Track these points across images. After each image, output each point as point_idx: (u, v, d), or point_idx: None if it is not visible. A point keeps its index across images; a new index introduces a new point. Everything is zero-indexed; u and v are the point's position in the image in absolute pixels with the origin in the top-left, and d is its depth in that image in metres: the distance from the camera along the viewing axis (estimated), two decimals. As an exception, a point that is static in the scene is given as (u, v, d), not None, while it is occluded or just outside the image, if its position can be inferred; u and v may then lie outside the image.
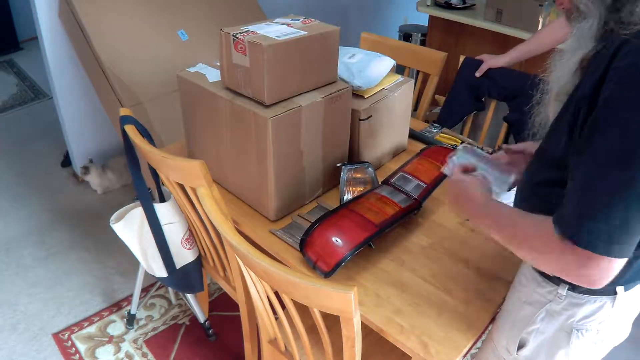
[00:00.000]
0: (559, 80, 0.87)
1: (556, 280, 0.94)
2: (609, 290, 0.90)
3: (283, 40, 1.27)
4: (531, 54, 1.95)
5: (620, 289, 0.90)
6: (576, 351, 0.98)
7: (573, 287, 0.93)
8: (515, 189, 1.06)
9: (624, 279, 0.85)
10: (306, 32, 1.33)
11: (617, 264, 0.75)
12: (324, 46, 1.37)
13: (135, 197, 1.55)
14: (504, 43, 2.79)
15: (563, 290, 0.94)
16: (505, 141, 2.09)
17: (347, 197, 1.44)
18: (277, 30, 1.35)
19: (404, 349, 1.07)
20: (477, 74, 1.99)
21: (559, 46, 0.84)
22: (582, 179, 0.76)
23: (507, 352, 1.06)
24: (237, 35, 1.28)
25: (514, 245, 0.89)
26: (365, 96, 1.53)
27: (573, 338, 0.96)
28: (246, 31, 1.31)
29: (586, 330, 0.95)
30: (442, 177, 1.45)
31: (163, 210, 1.57)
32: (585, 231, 0.74)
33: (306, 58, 1.33)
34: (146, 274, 1.74)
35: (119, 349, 1.94)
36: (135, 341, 1.97)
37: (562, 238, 0.77)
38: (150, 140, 1.46)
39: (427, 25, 3.20)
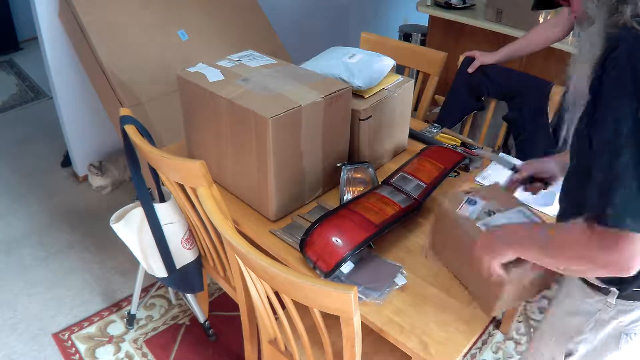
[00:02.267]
0: (577, 87, 0.88)
1: (605, 290, 0.95)
2: None
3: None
4: (522, 52, 1.98)
5: None
6: (625, 354, 0.98)
7: (622, 295, 0.93)
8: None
9: None
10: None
11: None
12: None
13: (135, 197, 1.55)
14: (504, 43, 2.76)
15: (612, 299, 0.94)
16: (505, 140, 2.09)
17: (347, 197, 1.44)
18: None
19: (404, 349, 1.07)
20: (470, 70, 2.00)
21: (572, 54, 0.86)
22: (597, 164, 0.77)
23: None
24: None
25: (548, 259, 0.90)
26: (365, 96, 1.53)
27: (622, 342, 0.97)
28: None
29: (635, 334, 0.96)
30: (442, 177, 1.45)
31: (163, 210, 1.57)
32: (609, 209, 0.75)
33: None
34: (146, 274, 1.74)
35: (119, 349, 1.94)
36: (135, 341, 1.97)
37: (588, 226, 0.78)
38: (150, 140, 1.46)
39: (427, 25, 3.20)
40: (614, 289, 0.94)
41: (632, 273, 0.77)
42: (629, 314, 0.94)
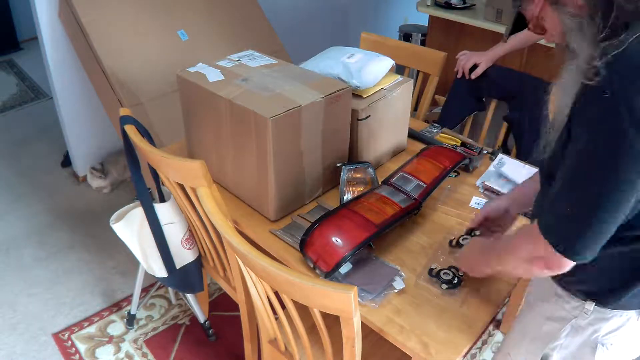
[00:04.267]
0: (559, 113, 0.88)
1: (582, 296, 0.95)
2: (635, 304, 0.91)
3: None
4: (513, 49, 1.96)
5: None
6: None
7: (600, 302, 0.93)
8: None
9: None
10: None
11: (567, 263, 0.84)
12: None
13: (135, 197, 1.55)
14: (504, 43, 2.79)
15: (590, 306, 0.94)
16: (505, 140, 2.09)
17: (347, 197, 1.44)
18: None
19: (404, 349, 1.07)
20: (473, 76, 1.99)
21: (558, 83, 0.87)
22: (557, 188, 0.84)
23: None
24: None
25: (509, 265, 0.96)
26: (364, 96, 1.53)
27: (598, 352, 0.96)
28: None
29: (611, 344, 0.95)
30: (442, 177, 1.45)
31: (163, 210, 1.57)
32: (551, 229, 0.84)
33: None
34: (146, 274, 1.74)
35: (119, 349, 1.94)
36: (135, 341, 1.97)
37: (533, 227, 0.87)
38: (150, 140, 1.46)
39: (427, 25, 3.19)
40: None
41: (559, 272, 0.85)
42: (606, 322, 0.94)
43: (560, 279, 0.98)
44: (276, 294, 1.10)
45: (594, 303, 0.93)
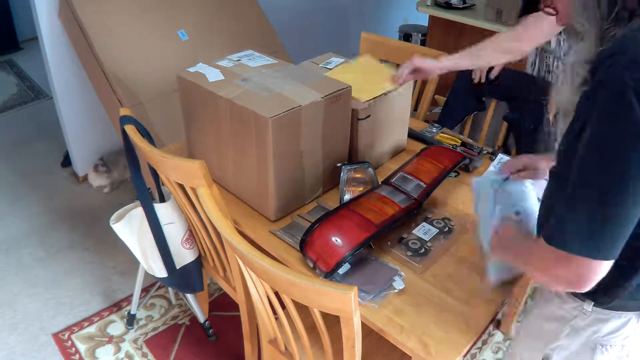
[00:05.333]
0: (566, 98, 0.86)
1: (581, 297, 0.94)
2: (634, 306, 0.91)
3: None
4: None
5: None
6: None
7: (599, 303, 0.93)
8: None
9: None
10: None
11: (595, 265, 0.76)
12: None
13: (135, 197, 1.55)
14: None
15: (589, 306, 0.94)
16: (506, 140, 2.09)
17: (347, 197, 1.44)
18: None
19: (404, 349, 1.07)
20: (492, 77, 1.94)
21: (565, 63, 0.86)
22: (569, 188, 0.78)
23: None
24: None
25: (526, 267, 0.93)
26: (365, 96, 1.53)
27: (597, 353, 0.96)
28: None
29: (611, 345, 0.95)
30: (442, 177, 1.45)
31: (163, 210, 1.57)
32: (561, 232, 0.78)
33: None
34: (146, 274, 1.74)
35: (119, 349, 1.94)
36: (135, 341, 1.97)
37: (546, 244, 0.80)
38: (150, 140, 1.46)
39: (427, 25, 3.19)
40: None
41: (585, 289, 0.79)
42: (605, 323, 0.93)
43: None
44: (276, 294, 1.10)
45: (592, 303, 0.93)
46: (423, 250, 1.30)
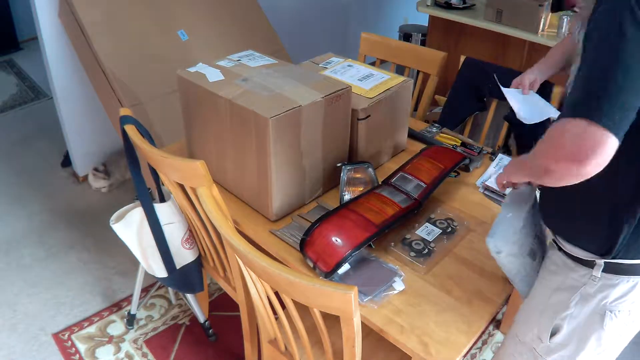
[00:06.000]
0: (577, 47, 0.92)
1: (590, 263, 0.97)
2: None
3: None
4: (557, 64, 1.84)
5: None
6: (609, 333, 1.00)
7: (607, 269, 0.95)
8: None
9: None
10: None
11: (606, 139, 0.77)
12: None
13: (136, 197, 1.55)
14: (504, 43, 2.79)
15: (597, 272, 0.96)
16: (506, 140, 2.09)
17: (347, 197, 1.44)
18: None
19: (404, 349, 1.07)
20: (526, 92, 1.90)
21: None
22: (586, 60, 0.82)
23: (538, 340, 1.07)
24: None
25: (536, 163, 0.90)
26: (365, 96, 1.53)
27: (607, 320, 0.98)
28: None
29: (619, 311, 0.97)
30: (442, 177, 1.45)
31: (163, 210, 1.57)
32: (581, 105, 0.79)
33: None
34: (146, 274, 1.74)
35: (119, 349, 1.94)
36: (135, 341, 1.97)
37: (561, 125, 0.81)
38: (150, 140, 1.46)
39: (427, 25, 3.20)
40: (599, 262, 0.95)
41: (586, 168, 0.79)
42: (613, 289, 0.96)
43: (564, 237, 1.00)
44: (276, 294, 1.10)
45: (601, 269, 0.95)
46: (426, 250, 1.30)
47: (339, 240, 1.22)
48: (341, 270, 1.21)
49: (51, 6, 2.33)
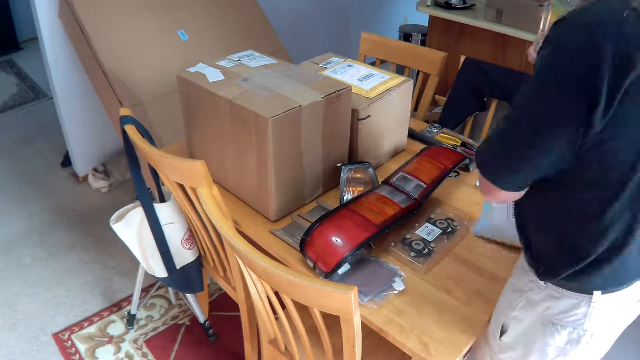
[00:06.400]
0: None
1: (535, 265, 0.97)
2: (585, 290, 0.92)
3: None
4: None
5: (597, 293, 0.91)
6: (554, 348, 0.98)
7: (542, 278, 0.96)
8: None
9: (598, 283, 0.90)
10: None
11: (499, 191, 0.92)
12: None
13: (136, 197, 1.55)
14: (504, 43, 2.79)
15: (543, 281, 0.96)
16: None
17: (347, 197, 1.44)
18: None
19: (404, 349, 1.07)
20: None
21: None
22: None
23: (493, 337, 1.09)
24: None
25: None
26: (365, 96, 1.53)
27: (548, 331, 0.97)
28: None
29: (562, 326, 0.96)
30: (442, 177, 1.45)
31: (163, 210, 1.57)
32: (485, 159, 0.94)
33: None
34: (146, 274, 1.74)
35: (119, 349, 1.94)
36: (135, 341, 1.97)
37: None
38: (150, 140, 1.46)
39: (427, 25, 3.19)
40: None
41: (496, 200, 1.00)
42: (557, 301, 0.95)
43: (526, 248, 1.01)
44: (276, 294, 1.10)
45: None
46: (426, 250, 1.30)
47: (339, 240, 1.22)
48: (341, 270, 1.21)
49: (51, 6, 2.33)
